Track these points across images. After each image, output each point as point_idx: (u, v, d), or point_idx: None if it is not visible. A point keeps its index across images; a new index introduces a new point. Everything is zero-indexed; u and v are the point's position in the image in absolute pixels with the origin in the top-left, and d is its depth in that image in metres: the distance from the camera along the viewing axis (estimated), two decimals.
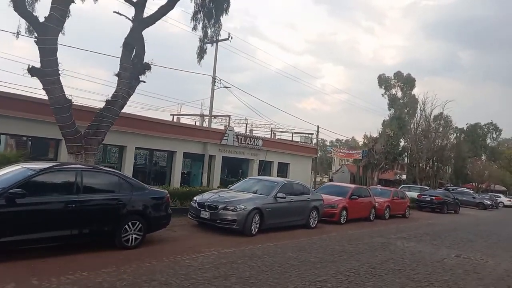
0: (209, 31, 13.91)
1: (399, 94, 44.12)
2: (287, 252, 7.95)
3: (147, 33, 11.09)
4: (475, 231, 15.84)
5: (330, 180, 36.61)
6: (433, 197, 24.43)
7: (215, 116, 34.42)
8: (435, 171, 41.23)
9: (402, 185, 38.20)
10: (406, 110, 42.52)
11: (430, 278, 6.95)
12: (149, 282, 5.15)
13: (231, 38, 25.75)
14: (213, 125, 33.38)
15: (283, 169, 32.70)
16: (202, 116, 36.23)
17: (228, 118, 34.82)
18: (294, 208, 10.92)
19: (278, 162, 31.33)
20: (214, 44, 26.50)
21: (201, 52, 14.20)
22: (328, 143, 69.03)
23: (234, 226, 9.06)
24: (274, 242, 8.90)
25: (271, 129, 39.91)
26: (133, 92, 10.59)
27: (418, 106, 42.21)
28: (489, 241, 12.90)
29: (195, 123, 35.88)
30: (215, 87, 26.58)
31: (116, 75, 10.03)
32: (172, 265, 6.11)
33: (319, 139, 45.83)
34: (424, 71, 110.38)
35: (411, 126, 41.06)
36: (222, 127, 28.37)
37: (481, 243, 12.33)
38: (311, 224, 11.67)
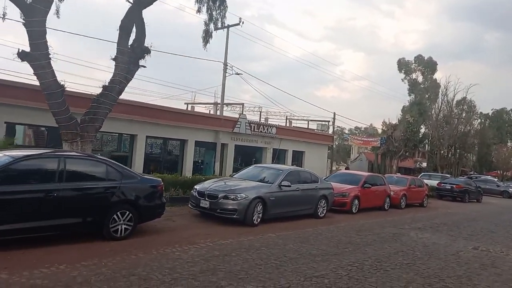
0: (214, 13, 13.41)
1: (420, 78, 42.56)
2: (288, 243, 7.50)
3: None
4: (497, 221, 14.97)
5: (347, 169, 35.76)
6: (454, 186, 23.40)
7: (228, 104, 34.04)
8: (457, 158, 39.67)
9: (422, 173, 37.02)
10: (427, 96, 40.97)
11: (441, 273, 6.36)
12: (127, 277, 4.79)
13: (242, 23, 25.13)
14: (227, 113, 33.04)
15: (298, 158, 32.12)
16: (216, 104, 35.77)
17: (241, 106, 34.34)
18: (300, 197, 10.42)
19: (293, 151, 30.77)
20: (225, 30, 26.13)
21: (207, 36, 13.70)
22: (347, 131, 67.74)
23: (234, 216, 8.64)
24: (277, 232, 8.46)
25: (286, 117, 39.28)
26: (132, 77, 10.22)
27: (440, 91, 40.60)
28: (511, 232, 12.09)
29: (210, 112, 35.62)
30: (227, 74, 26.10)
31: (113, 59, 9.68)
32: (159, 258, 5.75)
33: (337, 127, 45.14)
34: (448, 56, 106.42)
35: (432, 112, 39.56)
36: (236, 115, 27.84)
37: (502, 234, 11.55)
38: (319, 213, 11.16)
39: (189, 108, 34.57)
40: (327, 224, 10.36)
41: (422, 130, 41.37)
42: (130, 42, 10.60)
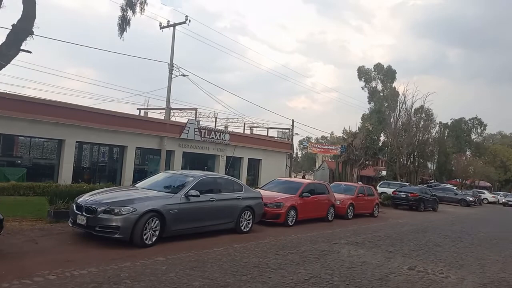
0: None
1: (380, 86, 42.33)
2: (172, 271, 5.79)
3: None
4: (447, 231, 13.89)
5: (303, 177, 34.56)
6: (409, 194, 22.54)
7: (179, 109, 32.20)
8: (417, 166, 39.48)
9: (381, 182, 36.40)
10: (386, 104, 40.71)
11: None
12: None
13: (189, 21, 23.46)
14: (180, 119, 31.10)
15: (254, 166, 30.63)
16: (170, 109, 33.74)
17: (195, 111, 32.51)
18: (216, 208, 8.77)
19: (249, 158, 29.26)
20: (172, 28, 24.41)
21: (123, 23, 12.05)
22: (313, 140, 67.12)
23: (116, 235, 6.84)
24: (171, 255, 6.74)
25: (244, 124, 37.75)
26: (7, 63, 8.32)
27: (399, 99, 40.41)
28: (459, 245, 10.91)
29: (164, 117, 33.57)
30: (173, 76, 24.28)
31: None
32: None
33: (305, 137, 43.93)
34: (414, 70, 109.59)
35: (391, 120, 39.24)
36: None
37: (448, 247, 10.33)
38: (242, 228, 9.53)
39: (142, 114, 32.43)
40: (248, 240, 8.75)
41: (382, 138, 40.99)
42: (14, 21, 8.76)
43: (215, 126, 34.33)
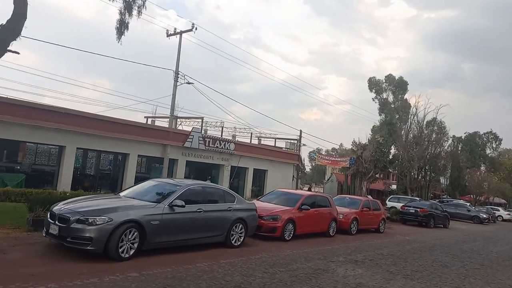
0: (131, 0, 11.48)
1: (391, 98, 41.53)
2: None
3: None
4: (456, 251, 13.05)
5: (309, 190, 33.78)
6: (418, 209, 21.61)
7: (184, 118, 31.92)
8: (428, 181, 38.29)
9: (391, 196, 35.37)
10: (397, 116, 39.82)
11: None
12: None
13: (196, 29, 23.30)
14: (187, 128, 30.77)
15: (260, 176, 30.02)
16: (176, 117, 33.42)
17: (201, 120, 32.19)
18: (204, 220, 8.21)
19: (254, 169, 28.66)
20: (179, 36, 24.25)
21: (121, 27, 11.73)
22: (324, 152, 66.25)
23: (88, 247, 6.34)
24: (147, 270, 6.20)
25: (251, 133, 37.28)
26: None
27: (410, 111, 39.51)
28: (467, 266, 10.11)
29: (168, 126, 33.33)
30: (178, 83, 24.04)
31: None
32: None
33: (315, 148, 43.24)
34: (427, 83, 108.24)
35: (402, 133, 38.30)
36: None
37: (456, 269, 9.55)
38: (233, 241, 8.95)
39: (149, 122, 32.24)
40: (237, 256, 8.16)
41: (392, 151, 40.03)
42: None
43: (221, 136, 33.98)
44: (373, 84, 41.32)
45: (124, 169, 21.05)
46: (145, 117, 35.12)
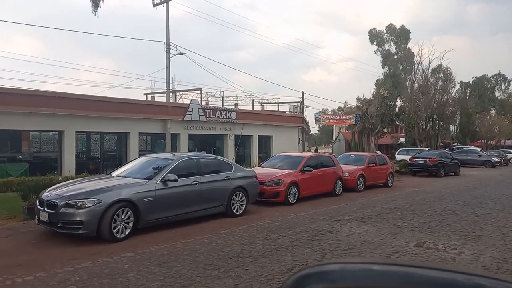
0: None
1: (393, 49, 40.14)
2: (135, 269, 5.06)
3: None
4: (467, 197, 12.74)
5: (316, 151, 33.39)
6: (427, 160, 21.21)
7: (183, 91, 31.34)
8: (437, 130, 37.56)
9: (400, 149, 34.94)
10: (401, 67, 38.62)
11: None
12: None
13: None
14: (186, 101, 30.27)
15: (265, 143, 29.70)
16: (175, 91, 32.72)
17: (199, 91, 31.58)
18: (200, 192, 7.97)
19: (259, 136, 28.29)
20: (165, 5, 23.27)
21: None
22: (330, 112, 65.35)
23: (80, 231, 6.15)
24: (142, 249, 6.02)
25: (253, 100, 36.64)
26: None
27: (414, 60, 38.23)
28: (479, 212, 9.83)
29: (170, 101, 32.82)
30: (170, 55, 23.32)
31: None
32: None
33: (321, 110, 42.44)
34: (432, 31, 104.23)
35: (407, 84, 37.24)
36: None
37: (467, 216, 9.27)
38: (235, 210, 8.76)
39: (149, 99, 31.74)
40: (239, 224, 7.96)
41: (398, 104, 39.17)
42: None
43: (222, 105, 33.45)
44: (374, 36, 39.83)
45: (127, 148, 20.89)
46: (144, 94, 34.53)
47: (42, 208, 6.44)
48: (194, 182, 7.86)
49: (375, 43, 40.08)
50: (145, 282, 4.60)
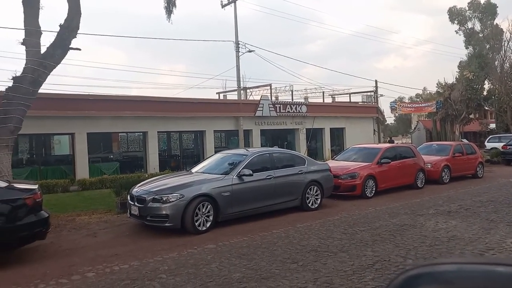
0: None
1: (478, 27, 36.43)
2: (217, 260, 5.29)
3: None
4: None
5: (390, 142, 31.63)
6: None
7: (253, 88, 31.81)
8: None
9: (490, 137, 31.81)
10: (488, 46, 34.90)
11: None
12: None
13: None
14: (256, 98, 30.74)
15: (338, 135, 29.02)
16: (245, 88, 33.33)
17: (269, 87, 31.81)
18: (275, 186, 8.06)
19: (330, 128, 27.75)
20: (233, 5, 23.81)
21: (169, 5, 11.71)
22: (407, 100, 61.72)
23: (166, 224, 6.60)
24: (223, 241, 6.28)
25: (323, 92, 35.91)
26: (56, 63, 8.50)
27: (504, 37, 34.27)
28: None
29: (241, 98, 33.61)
30: (240, 53, 23.83)
31: (22, 44, 8.06)
32: None
33: (397, 98, 40.31)
34: None
35: (496, 64, 33.57)
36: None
37: None
38: (310, 204, 8.71)
39: (221, 97, 32.86)
40: (315, 218, 7.90)
41: (486, 86, 35.52)
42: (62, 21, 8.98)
43: (292, 99, 33.33)
44: (455, 15, 36.42)
45: (203, 145, 21.87)
46: (216, 93, 35.83)
47: (132, 203, 7.03)
48: (268, 177, 7.97)
49: (456, 22, 36.62)
50: (227, 273, 4.78)
